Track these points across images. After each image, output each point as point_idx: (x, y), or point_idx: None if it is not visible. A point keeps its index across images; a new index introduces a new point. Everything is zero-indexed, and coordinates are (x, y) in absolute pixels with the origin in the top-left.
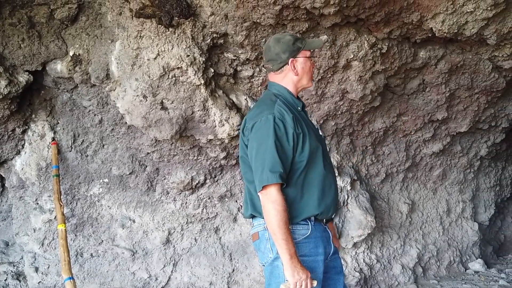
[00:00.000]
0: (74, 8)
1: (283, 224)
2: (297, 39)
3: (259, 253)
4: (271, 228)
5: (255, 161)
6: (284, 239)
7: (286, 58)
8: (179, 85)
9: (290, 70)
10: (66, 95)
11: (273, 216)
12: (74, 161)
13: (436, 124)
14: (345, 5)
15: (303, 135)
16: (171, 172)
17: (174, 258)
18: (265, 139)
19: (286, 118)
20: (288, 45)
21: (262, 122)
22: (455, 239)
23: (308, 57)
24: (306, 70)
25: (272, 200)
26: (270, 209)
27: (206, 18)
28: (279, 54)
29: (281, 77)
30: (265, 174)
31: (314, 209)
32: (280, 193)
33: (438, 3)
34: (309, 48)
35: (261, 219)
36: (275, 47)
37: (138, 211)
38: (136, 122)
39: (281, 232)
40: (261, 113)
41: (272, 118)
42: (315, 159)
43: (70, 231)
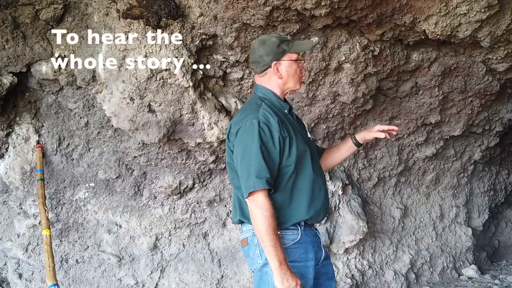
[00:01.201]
0: (59, 8)
1: (271, 230)
2: (284, 41)
3: (248, 259)
4: (259, 234)
5: (240, 167)
6: (272, 246)
7: (270, 61)
8: (167, 88)
9: (273, 73)
10: (51, 97)
11: (261, 222)
12: (59, 165)
13: (429, 127)
14: (336, 7)
15: (290, 139)
16: (159, 176)
17: (161, 264)
18: (250, 144)
19: (271, 121)
20: (272, 47)
21: (247, 127)
22: (448, 244)
23: (294, 60)
24: (291, 73)
25: (260, 206)
26: (257, 215)
27: (195, 19)
28: (262, 56)
29: (266, 79)
30: (251, 180)
31: (304, 214)
32: (267, 199)
33: (431, 4)
34: (296, 50)
35: (249, 225)
36: (259, 49)
37: (124, 216)
38: (123, 125)
39: (269, 238)
40: (245, 118)
41: (256, 122)
42: (304, 162)
43: (55, 236)
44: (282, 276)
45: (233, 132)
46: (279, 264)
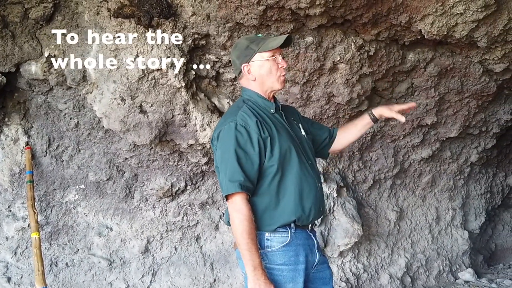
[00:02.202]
0: (49, 7)
1: (246, 234)
2: (253, 41)
3: (240, 262)
4: (235, 238)
5: (220, 171)
6: (247, 250)
7: (239, 64)
8: (158, 88)
9: (246, 75)
10: (41, 98)
11: (236, 225)
12: (49, 167)
13: (425, 129)
14: (331, 6)
15: (271, 139)
16: (150, 178)
17: (153, 267)
18: (227, 147)
19: (249, 123)
20: (241, 50)
21: (225, 130)
22: (444, 247)
23: (267, 60)
24: (265, 73)
25: (236, 209)
26: (233, 218)
27: (187, 19)
28: (234, 60)
29: (245, 82)
30: (225, 184)
31: (290, 215)
32: (244, 202)
33: (427, 4)
34: (266, 49)
35: None
36: (232, 52)
37: (115, 219)
38: (114, 126)
39: (244, 242)
40: (224, 122)
41: (233, 125)
42: (289, 161)
43: (44, 239)
44: (255, 281)
45: (215, 136)
46: (253, 268)
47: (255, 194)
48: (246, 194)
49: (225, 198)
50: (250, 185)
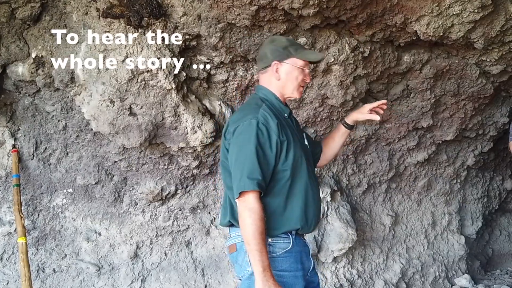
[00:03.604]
0: (37, 7)
1: (258, 234)
2: (293, 45)
3: (236, 266)
4: (246, 237)
5: (234, 166)
6: (258, 250)
7: (271, 60)
8: (148, 90)
9: (272, 73)
10: (28, 100)
11: (248, 224)
12: (36, 170)
13: (421, 132)
14: (325, 6)
15: (288, 143)
16: (140, 182)
17: (142, 273)
18: (246, 144)
19: (271, 123)
20: (278, 47)
21: (245, 126)
22: (440, 253)
23: (298, 67)
24: (290, 78)
25: (249, 208)
26: (245, 217)
27: (178, 19)
28: (266, 54)
29: (267, 79)
30: (243, 181)
31: (297, 222)
32: (258, 202)
33: (423, 5)
34: (303, 58)
35: (239, 230)
36: (266, 46)
37: (104, 224)
38: (103, 129)
39: (255, 242)
40: (244, 117)
41: (255, 122)
42: (299, 169)
43: (31, 244)
44: (264, 283)
45: (230, 130)
46: (263, 269)
47: (264, 196)
48: (260, 194)
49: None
50: (264, 186)
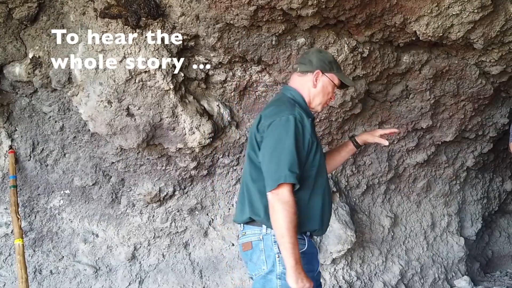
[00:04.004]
0: (34, 7)
1: (292, 227)
2: (336, 63)
3: (250, 264)
4: (279, 230)
5: (269, 159)
6: (292, 243)
7: (315, 67)
8: (146, 90)
9: (311, 79)
10: (25, 100)
11: (284, 217)
12: (33, 171)
13: (420, 132)
14: (324, 6)
15: (316, 144)
16: (138, 183)
17: (140, 275)
18: (284, 138)
19: (305, 122)
20: (325, 58)
21: (282, 121)
22: (440, 254)
23: (333, 83)
24: (324, 91)
25: (284, 201)
26: (280, 210)
27: (176, 19)
28: (311, 61)
29: (301, 82)
30: (282, 172)
31: (316, 224)
32: (292, 195)
33: (422, 5)
34: (342, 79)
35: (256, 228)
36: (313, 54)
37: (101, 225)
38: (100, 130)
39: (290, 235)
40: (281, 112)
41: (293, 119)
42: (321, 172)
43: (28, 246)
44: (297, 276)
45: (265, 124)
46: (295, 263)
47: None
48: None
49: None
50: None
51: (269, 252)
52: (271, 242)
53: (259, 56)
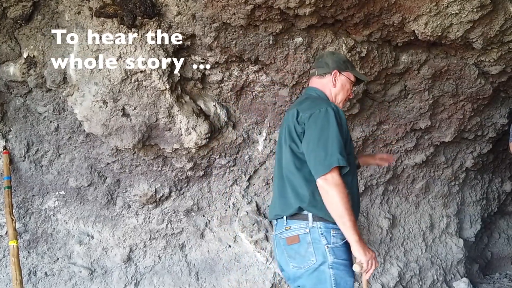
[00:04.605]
0: (28, 6)
1: (349, 207)
2: (349, 61)
3: (298, 257)
4: (338, 211)
5: (316, 147)
6: (351, 221)
7: (332, 68)
8: (142, 90)
9: (330, 80)
10: (20, 100)
11: (340, 199)
12: (27, 172)
13: (419, 133)
14: (321, 6)
15: (348, 138)
16: (133, 184)
17: (136, 277)
18: (327, 126)
19: (341, 114)
20: (339, 58)
21: (322, 113)
22: (438, 256)
23: (350, 80)
24: (344, 89)
25: (337, 183)
26: (335, 192)
27: (172, 18)
28: (328, 63)
29: (322, 84)
30: (333, 157)
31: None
32: (341, 178)
33: (421, 4)
34: (357, 75)
35: (302, 222)
36: (328, 56)
37: (97, 226)
38: (95, 130)
39: (348, 213)
40: (319, 105)
41: (332, 110)
42: (352, 164)
43: (22, 247)
44: (363, 248)
45: (305, 116)
46: (358, 238)
47: None
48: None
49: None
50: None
51: (317, 245)
52: (318, 234)
53: (256, 55)
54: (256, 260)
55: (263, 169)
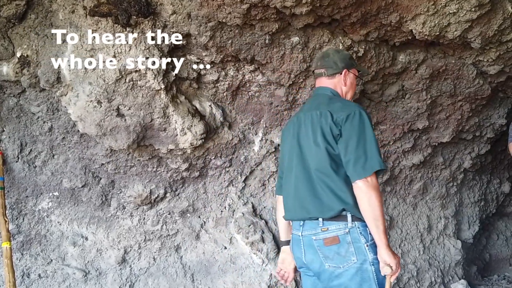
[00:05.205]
0: (22, 5)
1: (383, 210)
2: (352, 57)
3: (337, 258)
4: (374, 213)
5: (356, 149)
6: (384, 225)
7: (342, 67)
8: (137, 90)
9: (341, 79)
10: (13, 100)
11: (378, 202)
12: (21, 173)
13: (417, 133)
14: (318, 5)
15: None
16: (128, 185)
17: (130, 279)
18: (364, 129)
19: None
20: (345, 56)
21: (357, 115)
22: (436, 258)
23: (356, 76)
24: (352, 86)
25: (376, 187)
26: (375, 195)
27: (167, 17)
28: (336, 62)
29: (332, 83)
30: (374, 160)
31: None
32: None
33: (419, 3)
34: (360, 70)
35: (341, 223)
36: (334, 55)
37: (91, 228)
38: (90, 130)
39: (383, 218)
40: (350, 106)
41: (364, 113)
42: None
43: (15, 249)
44: (392, 253)
45: (341, 118)
46: (387, 242)
47: None
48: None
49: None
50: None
51: (357, 244)
52: (358, 234)
53: (252, 55)
54: (252, 261)
55: (259, 170)
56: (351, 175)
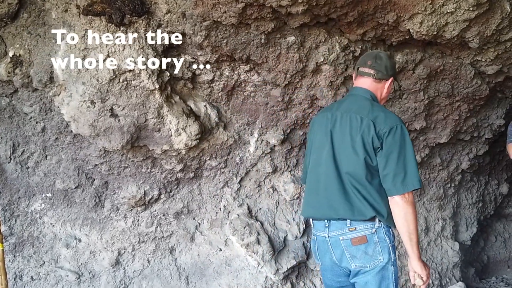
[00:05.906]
0: (14, 4)
1: (417, 226)
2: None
3: (364, 257)
4: (409, 229)
5: (396, 165)
6: (417, 238)
7: (390, 75)
8: (131, 90)
9: (384, 85)
10: (5, 100)
11: (414, 218)
12: (13, 174)
13: (414, 134)
14: (314, 4)
15: None
16: (122, 186)
17: (124, 281)
18: (404, 145)
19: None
20: (394, 66)
21: (399, 129)
22: (434, 260)
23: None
24: (388, 95)
25: (412, 203)
26: (411, 212)
27: (161, 16)
28: (387, 68)
29: (375, 87)
30: (413, 178)
31: None
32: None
33: (416, 2)
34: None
35: (368, 223)
36: (388, 61)
37: (84, 229)
38: (83, 131)
39: (417, 232)
40: (392, 119)
41: (405, 128)
42: None
43: (8, 251)
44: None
45: (383, 131)
46: (420, 254)
47: None
48: None
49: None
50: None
51: (383, 244)
52: (383, 234)
53: (248, 55)
54: (247, 264)
55: (255, 170)
56: (389, 190)
